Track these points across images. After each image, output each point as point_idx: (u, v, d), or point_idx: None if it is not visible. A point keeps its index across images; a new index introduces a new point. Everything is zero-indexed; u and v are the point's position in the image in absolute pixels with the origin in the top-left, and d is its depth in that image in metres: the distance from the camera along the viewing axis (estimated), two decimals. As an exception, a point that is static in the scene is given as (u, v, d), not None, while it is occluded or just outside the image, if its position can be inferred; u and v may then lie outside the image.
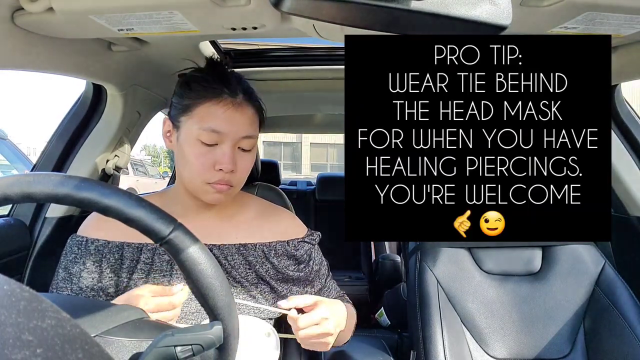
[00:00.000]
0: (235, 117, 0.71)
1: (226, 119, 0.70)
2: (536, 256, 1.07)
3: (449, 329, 0.95)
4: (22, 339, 0.20)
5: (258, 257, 0.78)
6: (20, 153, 3.06)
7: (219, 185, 0.71)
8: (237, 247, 0.77)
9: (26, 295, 0.23)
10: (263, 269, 0.78)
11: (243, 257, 0.77)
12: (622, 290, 0.96)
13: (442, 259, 1.03)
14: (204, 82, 0.72)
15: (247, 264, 0.77)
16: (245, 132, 0.72)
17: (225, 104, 0.71)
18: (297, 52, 1.31)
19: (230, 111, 0.71)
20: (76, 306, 0.50)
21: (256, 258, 0.78)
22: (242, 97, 0.73)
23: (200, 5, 0.63)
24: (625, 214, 1.19)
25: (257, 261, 0.78)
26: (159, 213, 0.43)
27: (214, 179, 0.71)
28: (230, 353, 0.46)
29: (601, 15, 0.68)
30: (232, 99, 0.71)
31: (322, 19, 0.46)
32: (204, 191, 0.73)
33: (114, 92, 1.06)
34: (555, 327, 0.98)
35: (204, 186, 0.72)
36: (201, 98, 0.71)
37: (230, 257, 0.76)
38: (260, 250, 0.79)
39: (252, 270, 0.77)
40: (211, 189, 0.72)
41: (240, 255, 0.77)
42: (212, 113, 0.70)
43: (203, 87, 0.71)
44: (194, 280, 0.43)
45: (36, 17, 0.66)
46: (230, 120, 0.70)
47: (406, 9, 0.41)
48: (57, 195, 0.41)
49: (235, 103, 0.71)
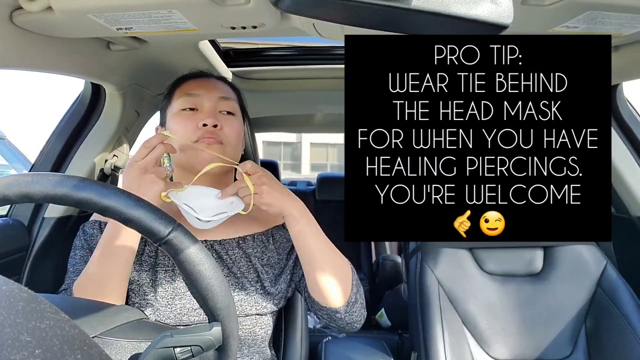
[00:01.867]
0: (209, 83, 0.81)
1: (200, 84, 0.80)
2: (537, 257, 1.06)
3: (450, 330, 0.95)
4: (20, 339, 0.20)
5: (257, 248, 0.79)
6: (19, 153, 3.05)
7: (207, 139, 0.74)
8: (236, 241, 0.79)
9: (25, 296, 0.22)
10: (262, 261, 0.79)
11: (242, 251, 0.78)
12: (623, 290, 0.96)
13: (443, 259, 1.03)
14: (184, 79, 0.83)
15: (246, 257, 0.78)
16: (221, 92, 0.80)
17: (199, 78, 0.82)
18: (297, 51, 1.31)
19: (203, 79, 0.82)
20: (75, 307, 0.50)
21: (254, 249, 0.79)
22: (215, 78, 0.85)
23: (200, 4, 0.62)
24: (627, 214, 1.18)
25: (256, 253, 0.79)
26: (158, 213, 0.43)
27: (201, 134, 0.74)
28: (229, 354, 0.45)
29: (602, 14, 0.67)
30: (205, 76, 0.83)
31: (322, 17, 0.46)
32: (195, 153, 0.74)
33: (113, 92, 1.06)
34: (556, 328, 0.98)
35: (194, 147, 0.74)
36: (178, 82, 0.83)
37: (231, 252, 0.77)
38: (259, 240, 0.80)
39: (252, 264, 0.78)
40: (201, 145, 0.74)
41: (240, 249, 0.78)
42: (188, 84, 0.81)
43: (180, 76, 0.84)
44: (193, 280, 0.43)
45: (35, 17, 0.65)
46: (204, 85, 0.80)
47: (406, 7, 0.41)
48: (56, 195, 0.41)
49: (209, 78, 0.83)
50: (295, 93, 1.53)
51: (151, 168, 0.65)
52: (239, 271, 0.76)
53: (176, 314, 0.71)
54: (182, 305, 0.72)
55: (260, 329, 0.76)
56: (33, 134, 8.52)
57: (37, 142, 1.23)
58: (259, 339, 0.77)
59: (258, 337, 0.76)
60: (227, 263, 0.76)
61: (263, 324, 0.77)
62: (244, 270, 0.77)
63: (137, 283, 0.73)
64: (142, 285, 0.72)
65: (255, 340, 0.76)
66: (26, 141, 8.65)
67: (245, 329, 0.75)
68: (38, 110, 24.52)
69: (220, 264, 0.76)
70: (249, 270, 0.77)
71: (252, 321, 0.75)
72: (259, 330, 0.76)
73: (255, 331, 0.76)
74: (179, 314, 0.71)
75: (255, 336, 0.76)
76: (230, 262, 0.77)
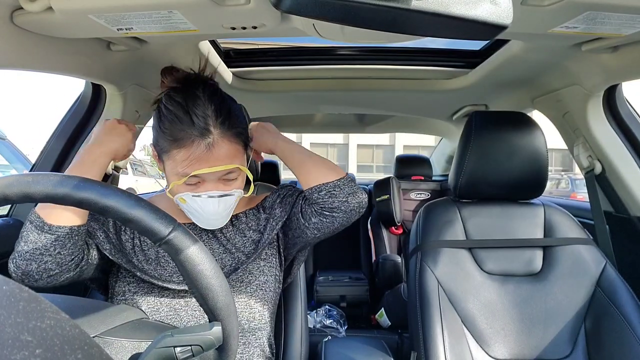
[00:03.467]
0: (211, 159, 0.69)
1: (202, 163, 0.69)
2: (537, 256, 1.06)
3: (449, 329, 0.95)
4: (21, 339, 0.20)
5: (250, 222, 0.84)
6: (19, 153, 3.05)
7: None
8: (230, 221, 0.84)
9: (25, 295, 0.23)
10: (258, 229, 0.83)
11: (236, 228, 0.83)
12: (623, 290, 0.96)
13: (442, 259, 1.03)
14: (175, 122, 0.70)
15: (240, 232, 0.83)
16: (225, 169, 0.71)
17: (198, 148, 0.69)
18: (297, 52, 1.31)
19: (205, 155, 0.69)
20: (75, 307, 0.50)
21: (248, 223, 0.84)
22: (217, 133, 0.70)
23: (200, 4, 0.63)
24: (626, 214, 1.19)
25: (250, 225, 0.84)
26: (158, 213, 0.43)
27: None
28: (229, 354, 0.45)
29: (602, 14, 0.68)
30: (204, 141, 0.69)
31: (322, 18, 0.46)
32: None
33: (113, 92, 1.06)
34: (556, 327, 0.98)
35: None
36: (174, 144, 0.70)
37: (225, 230, 0.82)
38: (251, 215, 0.86)
39: (247, 237, 0.82)
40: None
41: (233, 227, 0.83)
42: (188, 160, 0.69)
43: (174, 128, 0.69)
44: (194, 280, 0.43)
45: (35, 17, 0.66)
46: (207, 163, 0.69)
47: (406, 8, 0.41)
48: (56, 195, 0.41)
49: (208, 145, 0.69)
50: (295, 93, 1.53)
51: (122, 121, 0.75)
52: (233, 247, 0.80)
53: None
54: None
55: (257, 302, 0.78)
56: (33, 134, 8.50)
57: (37, 142, 1.23)
58: (257, 313, 0.78)
59: (254, 311, 0.78)
60: (222, 241, 0.81)
61: (259, 297, 0.79)
62: (239, 245, 0.81)
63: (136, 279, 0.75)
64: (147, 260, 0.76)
65: (253, 314, 0.78)
66: (27, 141, 8.64)
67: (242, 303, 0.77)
68: (38, 110, 24.52)
69: (216, 242, 0.80)
70: (244, 244, 0.81)
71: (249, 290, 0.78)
72: (255, 303, 0.78)
73: (251, 304, 0.78)
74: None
75: (252, 310, 0.78)
76: (225, 240, 0.81)
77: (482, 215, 1.11)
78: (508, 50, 1.06)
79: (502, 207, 1.13)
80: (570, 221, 1.10)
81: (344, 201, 0.77)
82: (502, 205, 1.13)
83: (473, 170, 1.08)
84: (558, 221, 1.09)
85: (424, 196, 2.30)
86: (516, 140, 1.06)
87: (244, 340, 0.76)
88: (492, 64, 1.18)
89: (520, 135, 1.07)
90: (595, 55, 0.95)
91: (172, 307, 0.73)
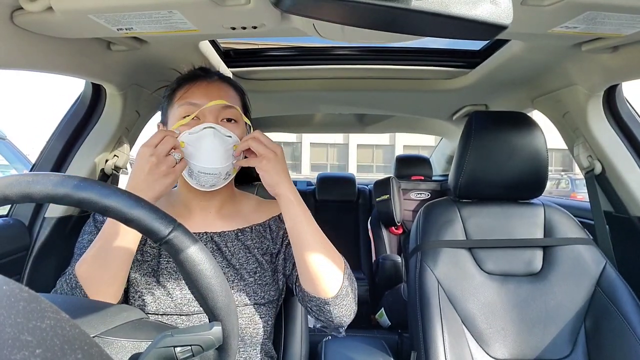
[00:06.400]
0: (211, 90, 0.78)
1: (202, 92, 0.77)
2: (537, 257, 1.06)
3: (449, 329, 0.95)
4: (21, 339, 0.20)
5: (255, 239, 0.82)
6: (19, 153, 3.05)
7: None
8: (235, 233, 0.81)
9: (25, 295, 0.23)
10: (261, 250, 0.81)
11: (241, 242, 0.80)
12: (623, 290, 0.96)
13: (442, 259, 1.03)
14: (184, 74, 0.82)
15: (245, 248, 0.80)
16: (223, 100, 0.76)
17: (201, 83, 0.79)
18: (297, 52, 1.31)
19: (205, 85, 0.78)
20: (76, 306, 0.50)
21: (253, 240, 0.81)
22: (218, 79, 0.81)
23: (200, 4, 0.63)
24: (626, 214, 1.18)
25: (255, 243, 0.81)
26: (158, 213, 0.43)
27: None
28: (230, 354, 0.45)
29: (602, 14, 0.68)
30: (207, 79, 0.80)
31: (322, 18, 0.46)
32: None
33: (114, 92, 1.06)
34: (556, 327, 0.98)
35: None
36: (180, 84, 0.80)
37: (230, 244, 0.79)
38: (257, 232, 0.83)
39: (251, 254, 0.80)
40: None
41: (238, 241, 0.80)
42: (189, 90, 0.78)
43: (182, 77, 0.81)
44: (194, 280, 0.43)
45: (35, 17, 0.66)
46: (206, 94, 0.77)
47: (406, 8, 0.41)
48: (56, 195, 0.41)
49: (210, 82, 0.80)
50: (295, 93, 1.53)
51: (162, 158, 0.68)
52: (237, 262, 0.78)
53: (177, 304, 0.73)
54: (183, 296, 0.73)
55: (259, 318, 0.78)
56: (33, 134, 8.51)
57: (37, 142, 1.23)
58: (260, 328, 0.78)
59: (259, 326, 0.77)
60: (226, 255, 0.79)
61: (263, 313, 0.78)
62: (242, 261, 0.79)
63: (140, 272, 0.74)
64: (144, 274, 0.74)
65: (257, 329, 0.77)
66: (27, 141, 8.65)
67: (245, 318, 0.76)
68: (38, 110, 24.52)
69: (220, 255, 0.78)
70: (248, 261, 0.79)
71: (251, 310, 0.77)
72: (259, 319, 0.77)
73: (255, 320, 0.77)
74: (179, 303, 0.73)
75: (256, 325, 0.77)
76: (229, 254, 0.79)
77: (482, 215, 1.11)
78: (508, 50, 1.06)
79: (502, 207, 1.13)
80: (570, 221, 1.10)
81: (329, 319, 0.74)
82: (502, 205, 1.13)
83: (473, 170, 1.08)
84: (558, 221, 1.09)
85: (424, 196, 2.30)
86: (516, 140, 1.06)
87: (244, 340, 0.76)
88: (492, 64, 1.18)
89: (520, 135, 1.07)
90: (595, 55, 0.95)
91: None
